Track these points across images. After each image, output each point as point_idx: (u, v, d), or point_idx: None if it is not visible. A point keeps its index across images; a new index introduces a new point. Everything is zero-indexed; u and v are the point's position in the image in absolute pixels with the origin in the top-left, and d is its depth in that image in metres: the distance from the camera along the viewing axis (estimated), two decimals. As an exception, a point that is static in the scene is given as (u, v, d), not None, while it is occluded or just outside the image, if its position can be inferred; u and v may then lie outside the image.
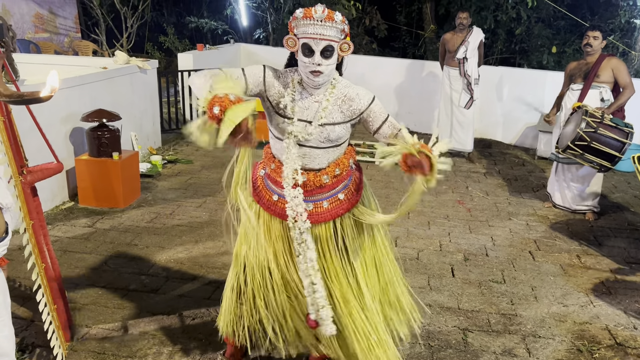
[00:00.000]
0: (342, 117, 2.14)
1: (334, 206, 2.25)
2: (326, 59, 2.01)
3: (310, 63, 2.00)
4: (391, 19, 11.13)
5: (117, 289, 3.37)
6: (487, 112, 7.47)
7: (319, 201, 2.23)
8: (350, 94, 2.15)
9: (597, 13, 9.16)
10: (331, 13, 1.97)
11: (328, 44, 1.99)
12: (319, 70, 2.01)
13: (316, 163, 2.19)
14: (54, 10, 9.97)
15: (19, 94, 2.47)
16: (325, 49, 1.99)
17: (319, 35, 1.97)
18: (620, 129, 4.22)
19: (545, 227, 4.61)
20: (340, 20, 1.98)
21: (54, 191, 4.63)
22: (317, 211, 2.22)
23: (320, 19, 1.95)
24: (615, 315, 3.28)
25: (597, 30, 4.61)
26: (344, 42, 2.04)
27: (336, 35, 2.00)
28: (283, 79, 2.15)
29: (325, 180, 2.20)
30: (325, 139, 2.14)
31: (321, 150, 2.16)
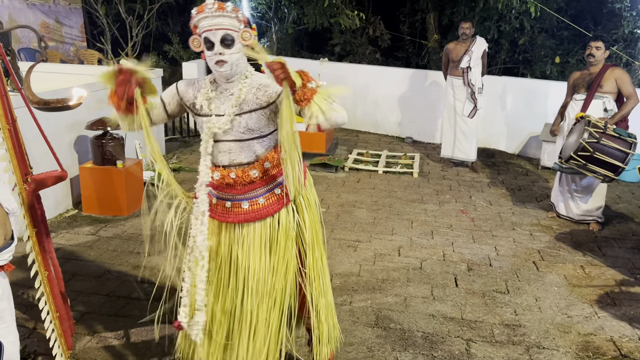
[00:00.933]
0: (258, 103, 2.15)
1: (271, 202, 2.24)
2: (227, 48, 2.06)
3: (213, 54, 2.07)
4: (394, 28, 11.16)
5: (120, 297, 3.37)
6: (491, 121, 7.47)
7: (254, 198, 2.23)
8: (266, 82, 2.16)
9: (601, 23, 9.17)
10: (221, 3, 2.04)
11: (225, 33, 2.05)
12: (222, 60, 2.07)
13: (243, 157, 2.19)
14: (60, 20, 10.04)
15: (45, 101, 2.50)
16: (223, 38, 2.05)
17: (214, 26, 2.04)
18: (623, 139, 4.21)
19: (549, 237, 4.59)
20: (231, 9, 2.05)
21: (57, 199, 4.64)
22: (253, 208, 2.23)
23: (212, 10, 2.04)
24: (620, 327, 3.25)
25: (600, 41, 4.61)
26: (244, 30, 2.08)
27: (232, 24, 2.06)
28: (198, 83, 2.25)
29: (254, 174, 2.19)
30: (245, 129, 2.15)
31: (245, 142, 2.17)
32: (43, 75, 5.69)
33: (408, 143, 7.86)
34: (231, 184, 2.21)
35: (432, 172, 6.45)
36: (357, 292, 3.55)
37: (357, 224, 4.73)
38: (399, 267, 3.91)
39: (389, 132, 8.26)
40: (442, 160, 6.77)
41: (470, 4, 9.68)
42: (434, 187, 5.88)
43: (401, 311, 3.33)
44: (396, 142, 7.91)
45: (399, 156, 6.95)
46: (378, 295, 3.51)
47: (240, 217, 2.24)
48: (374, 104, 8.19)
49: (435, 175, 6.30)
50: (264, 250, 2.24)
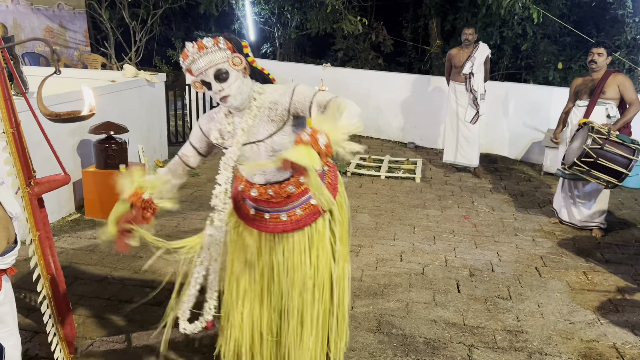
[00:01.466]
0: (275, 125, 2.10)
1: (308, 212, 2.27)
2: (224, 82, 2.01)
3: (215, 93, 2.03)
4: (397, 34, 11.19)
5: (122, 302, 3.37)
6: (493, 127, 7.47)
7: (292, 209, 2.25)
8: (275, 97, 2.10)
9: (603, 30, 9.18)
10: (200, 43, 1.99)
11: (216, 69, 2.00)
12: (224, 95, 2.03)
13: (279, 176, 2.19)
14: (64, 24, 10.10)
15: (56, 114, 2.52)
16: (216, 75, 2.00)
17: (202, 67, 2.00)
18: (626, 145, 4.21)
19: (552, 243, 4.58)
20: (211, 44, 1.99)
21: (60, 203, 4.66)
22: (291, 219, 2.25)
23: (194, 54, 1.99)
24: (623, 334, 3.24)
25: (602, 47, 4.61)
26: (233, 56, 2.02)
27: (219, 57, 2.00)
28: (217, 118, 2.21)
29: (291, 190, 2.21)
30: (272, 152, 2.12)
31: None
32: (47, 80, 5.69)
33: (410, 148, 7.87)
34: (269, 199, 2.23)
35: (435, 177, 6.44)
36: (359, 297, 3.55)
37: (359, 229, 4.73)
38: (401, 273, 3.91)
39: (391, 137, 8.26)
40: (445, 166, 6.77)
41: (473, 10, 9.70)
42: (436, 192, 5.88)
43: (403, 317, 3.33)
44: (398, 147, 7.91)
45: (401, 161, 6.95)
46: (380, 301, 3.51)
47: (278, 228, 2.27)
48: (377, 109, 8.20)
49: (437, 181, 6.30)
50: (304, 258, 2.28)
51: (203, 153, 2.31)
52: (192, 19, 12.87)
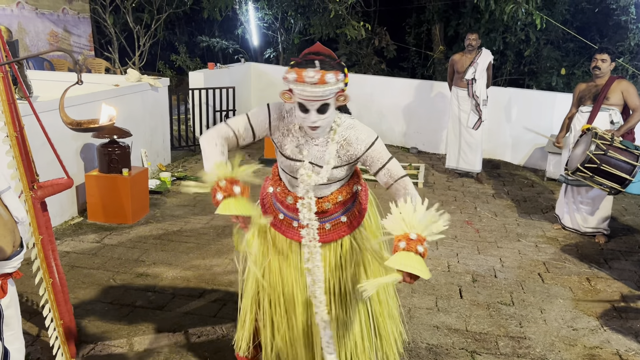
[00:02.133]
0: (339, 162, 2.12)
1: (336, 228, 2.30)
2: (322, 114, 1.97)
3: (307, 119, 1.98)
4: (400, 39, 11.21)
5: (124, 306, 3.37)
6: (496, 133, 7.46)
7: (322, 223, 2.27)
8: (350, 138, 2.09)
9: (607, 36, 9.18)
10: (324, 76, 1.86)
11: (323, 103, 1.94)
12: (317, 126, 2.00)
13: (319, 193, 2.22)
14: (68, 29, 10.14)
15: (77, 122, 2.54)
16: (320, 108, 1.95)
17: (314, 97, 1.91)
18: (630, 151, 4.20)
19: (555, 249, 4.57)
20: (333, 81, 1.89)
21: (63, 206, 4.66)
22: (319, 232, 2.26)
23: (312, 82, 1.88)
24: (626, 340, 3.22)
25: (605, 53, 4.61)
26: (340, 94, 1.97)
27: (330, 92, 1.93)
28: (287, 120, 2.13)
29: (327, 206, 2.24)
30: (326, 179, 2.14)
31: (324, 185, 2.19)
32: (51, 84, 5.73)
33: (413, 153, 7.86)
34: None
35: (437, 182, 6.44)
36: (361, 302, 3.54)
37: (362, 234, 4.72)
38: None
39: (394, 142, 8.26)
40: (447, 171, 6.76)
41: (476, 16, 9.71)
42: (438, 197, 5.87)
43: (405, 322, 3.31)
44: (401, 152, 7.91)
45: (404, 166, 6.93)
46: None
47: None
48: (379, 114, 8.20)
49: (440, 186, 6.29)
50: (328, 272, 2.28)
51: (255, 139, 2.20)
52: (196, 24, 12.92)
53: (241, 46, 11.34)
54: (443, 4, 10.45)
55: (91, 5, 10.24)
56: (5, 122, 2.29)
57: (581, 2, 9.09)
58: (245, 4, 10.20)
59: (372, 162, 2.12)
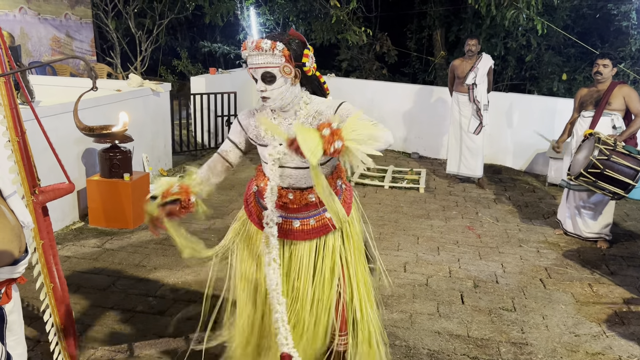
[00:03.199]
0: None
1: (321, 224, 2.29)
2: (269, 84, 2.07)
3: (258, 90, 2.11)
4: (401, 45, 11.23)
5: (125, 311, 3.36)
6: (497, 138, 7.46)
7: (306, 219, 2.28)
8: (321, 109, 2.17)
9: (608, 41, 9.19)
10: (259, 42, 2.03)
11: (265, 71, 2.06)
12: (265, 96, 2.10)
13: (302, 182, 2.24)
14: (70, 34, 10.18)
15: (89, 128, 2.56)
16: (264, 75, 2.06)
17: (255, 64, 2.06)
18: (633, 156, 4.19)
19: (557, 255, 4.56)
20: (269, 47, 2.02)
21: (64, 211, 4.67)
22: (303, 228, 2.28)
23: (250, 49, 2.05)
24: (629, 346, 3.21)
25: (607, 59, 4.61)
26: (284, 65, 2.05)
27: (272, 61, 2.04)
28: (257, 115, 2.26)
29: (311, 198, 2.24)
30: (305, 160, 2.13)
31: (304, 170, 2.20)
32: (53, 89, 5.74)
33: (414, 158, 7.86)
34: (287, 203, 2.25)
35: (439, 187, 6.43)
36: (362, 308, 3.53)
37: (363, 239, 4.71)
38: (405, 283, 3.89)
39: (395, 147, 8.26)
40: (449, 176, 6.76)
41: (477, 21, 9.73)
42: (440, 202, 5.86)
43: (407, 328, 3.30)
44: (402, 157, 7.91)
45: (405, 171, 6.94)
46: (384, 312, 3.48)
47: (289, 235, 2.29)
48: (381, 120, 8.06)
49: (441, 191, 6.28)
50: (309, 269, 2.29)
51: (242, 148, 2.34)
52: (198, 29, 12.96)
53: (243, 51, 11.36)
54: (444, 10, 10.48)
55: (93, 10, 10.28)
56: (7, 127, 2.29)
57: (582, 7, 9.11)
58: (247, 9, 10.24)
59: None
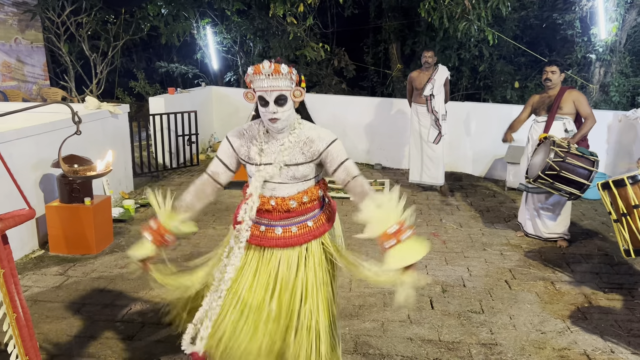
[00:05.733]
0: (304, 158, 2.28)
1: (303, 232, 2.36)
2: (280, 107, 2.19)
3: (267, 112, 2.19)
4: (359, 59, 11.42)
5: (92, 338, 3.27)
6: (456, 146, 7.64)
7: (288, 226, 2.34)
8: (312, 136, 2.29)
9: (555, 49, 9.58)
10: (277, 66, 2.15)
11: (279, 94, 2.17)
12: (276, 118, 2.20)
13: (285, 193, 2.32)
14: (21, 59, 9.94)
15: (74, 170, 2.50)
16: (277, 98, 2.17)
17: (269, 87, 2.16)
18: (586, 157, 4.37)
19: (519, 256, 4.68)
20: (287, 72, 2.16)
21: (23, 239, 4.52)
22: (285, 235, 2.33)
23: (268, 73, 2.14)
24: (593, 340, 3.32)
25: (554, 65, 4.82)
26: (296, 89, 2.22)
27: (286, 84, 2.18)
28: (249, 135, 2.35)
29: (292, 204, 2.31)
30: (291, 178, 2.30)
31: (289, 184, 2.31)
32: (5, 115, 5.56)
33: (377, 169, 7.96)
34: (269, 210, 2.31)
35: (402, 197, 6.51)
36: (334, 319, 3.53)
37: (331, 251, 4.73)
38: (375, 292, 3.92)
39: (358, 159, 8.35)
40: (412, 185, 6.87)
41: (431, 34, 9.99)
42: (404, 212, 5.94)
43: (379, 336, 3.33)
44: (366, 169, 8.00)
45: (369, 182, 7.01)
46: (355, 322, 3.50)
47: (272, 242, 2.34)
48: (342, 133, 8.29)
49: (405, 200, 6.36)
50: (291, 276, 2.32)
51: (233, 170, 2.39)
52: (154, 50, 12.85)
53: (201, 70, 11.32)
54: (399, 24, 10.72)
55: (45, 34, 10.07)
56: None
57: (529, 18, 9.48)
58: (203, 28, 10.22)
59: (332, 159, 2.29)
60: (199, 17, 10.12)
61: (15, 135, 4.47)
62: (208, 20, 10.21)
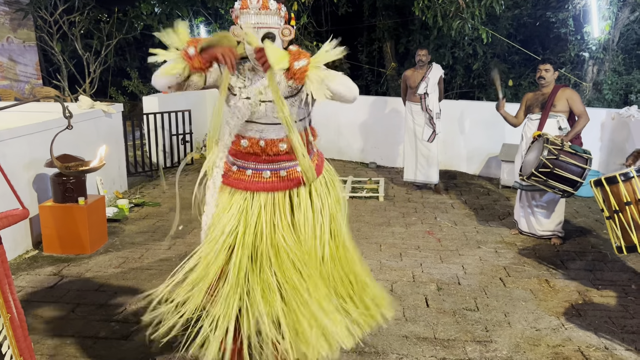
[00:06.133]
0: (290, 91, 2.20)
1: (292, 177, 2.29)
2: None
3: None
4: (353, 58, 11.41)
5: (86, 338, 3.26)
6: (451, 144, 7.66)
7: (277, 170, 2.28)
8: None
9: (549, 47, 9.61)
10: (265, 2, 2.06)
11: (267, 31, 2.10)
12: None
13: (274, 135, 2.25)
14: (14, 58, 9.87)
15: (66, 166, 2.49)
16: (265, 35, 2.10)
17: (257, 24, 2.08)
18: (579, 155, 4.39)
19: (514, 254, 4.70)
20: (275, 8, 2.08)
21: (16, 240, 4.50)
22: (273, 180, 2.27)
23: (256, 8, 2.06)
24: (587, 337, 3.34)
25: (548, 64, 4.84)
26: (285, 27, 2.14)
27: (275, 22, 2.10)
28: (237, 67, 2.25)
29: (282, 147, 2.25)
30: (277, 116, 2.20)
31: (277, 125, 2.23)
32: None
33: (372, 168, 7.97)
34: (258, 152, 2.24)
35: (397, 195, 6.54)
36: (329, 318, 3.53)
37: (326, 250, 4.73)
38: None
39: (353, 158, 8.36)
40: (406, 184, 6.88)
41: (425, 33, 10.00)
42: (399, 210, 5.96)
43: (375, 334, 3.33)
44: (360, 167, 8.01)
45: (364, 181, 7.03)
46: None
47: (259, 186, 2.26)
48: (337, 132, 8.30)
49: (400, 199, 6.39)
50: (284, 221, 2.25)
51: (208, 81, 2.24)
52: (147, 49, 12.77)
53: (195, 69, 11.27)
54: (393, 22, 10.72)
55: (37, 33, 10.00)
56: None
57: (523, 16, 9.50)
58: (197, 27, 10.19)
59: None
60: (193, 16, 10.09)
61: (8, 135, 4.45)
62: (202, 19, 10.18)
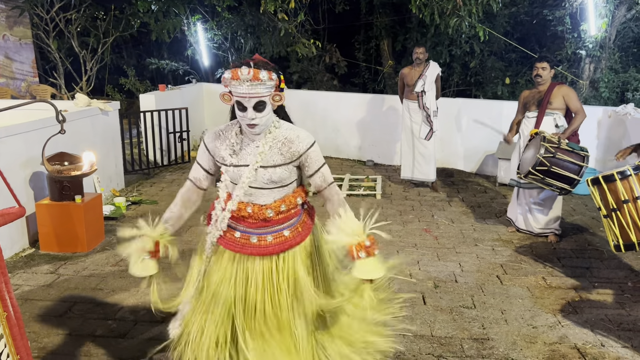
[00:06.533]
0: (282, 159, 2.21)
1: (279, 241, 2.28)
2: (259, 112, 2.11)
3: (245, 117, 2.11)
4: (350, 55, 11.41)
5: (83, 336, 3.26)
6: (448, 142, 7.67)
7: (264, 235, 2.27)
8: (291, 137, 2.21)
9: (545, 45, 9.63)
10: (256, 73, 2.04)
11: (258, 100, 2.09)
12: (254, 123, 2.12)
13: (262, 200, 2.25)
14: (10, 56, 9.84)
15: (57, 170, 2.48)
16: (256, 104, 2.09)
17: (248, 94, 2.07)
18: (576, 152, 4.40)
19: (511, 251, 4.71)
20: (266, 78, 2.06)
21: (13, 238, 4.48)
22: (260, 244, 2.26)
23: (246, 79, 2.05)
24: (583, 334, 3.35)
25: (545, 61, 4.84)
26: (275, 94, 2.13)
27: (265, 90, 2.09)
28: (224, 136, 2.27)
29: (269, 214, 2.24)
30: (268, 181, 2.21)
31: (267, 190, 2.24)
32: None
33: (369, 166, 7.97)
34: (245, 217, 2.24)
35: (395, 193, 6.54)
36: (327, 316, 3.54)
37: (324, 248, 4.73)
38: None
39: (350, 156, 8.36)
40: (403, 182, 6.88)
41: (422, 30, 10.00)
42: (397, 207, 5.96)
43: (372, 332, 3.33)
44: (358, 165, 8.01)
45: (361, 179, 7.03)
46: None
47: (246, 250, 2.27)
48: (334, 129, 8.29)
49: (397, 196, 6.39)
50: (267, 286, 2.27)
51: (213, 173, 2.34)
52: (144, 46, 12.76)
53: (191, 67, 11.26)
54: (390, 20, 10.73)
55: (33, 30, 9.97)
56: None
57: (520, 14, 9.51)
58: (193, 25, 10.17)
59: (310, 163, 2.24)
60: (190, 14, 10.06)
61: (4, 133, 4.44)
62: (198, 17, 10.16)
